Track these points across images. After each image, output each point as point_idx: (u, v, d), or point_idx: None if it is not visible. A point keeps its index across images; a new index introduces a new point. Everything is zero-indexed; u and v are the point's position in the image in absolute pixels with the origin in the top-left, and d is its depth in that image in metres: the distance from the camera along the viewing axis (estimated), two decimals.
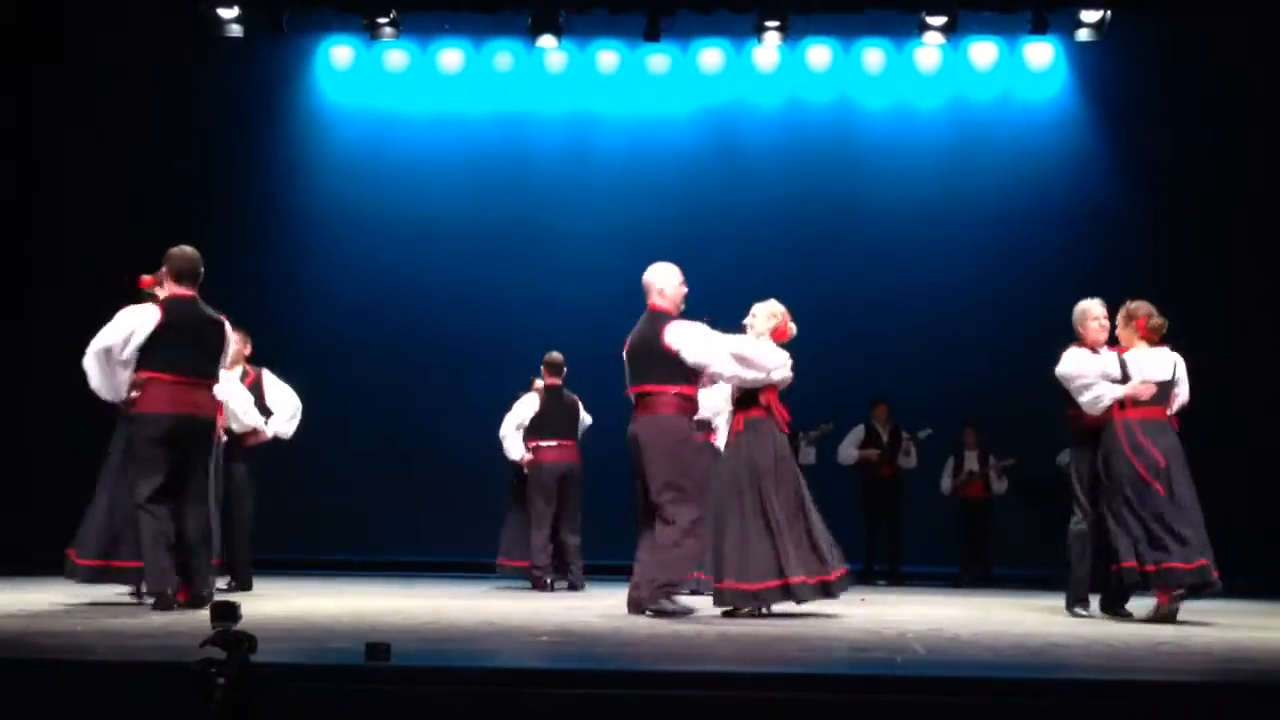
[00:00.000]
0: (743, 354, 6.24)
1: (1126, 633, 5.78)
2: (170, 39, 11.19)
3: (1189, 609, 6.60)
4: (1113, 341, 6.74)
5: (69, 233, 11.23)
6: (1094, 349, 6.67)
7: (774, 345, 6.40)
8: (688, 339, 6.19)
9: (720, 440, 7.05)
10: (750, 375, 6.27)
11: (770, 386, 6.32)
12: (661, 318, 6.27)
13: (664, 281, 6.35)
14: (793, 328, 6.50)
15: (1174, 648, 5.12)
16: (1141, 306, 6.65)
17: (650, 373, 6.20)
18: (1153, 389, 6.49)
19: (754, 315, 6.50)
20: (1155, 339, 6.62)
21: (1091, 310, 6.73)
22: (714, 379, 6.45)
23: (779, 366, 6.32)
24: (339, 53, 11.91)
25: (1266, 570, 10.24)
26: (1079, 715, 3.67)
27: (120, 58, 11.24)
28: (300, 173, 11.90)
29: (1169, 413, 6.58)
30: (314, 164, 11.93)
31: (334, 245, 11.67)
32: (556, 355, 8.81)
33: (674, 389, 6.18)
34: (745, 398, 6.35)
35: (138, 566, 6.04)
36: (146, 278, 6.47)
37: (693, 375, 6.24)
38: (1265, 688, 4.01)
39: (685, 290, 6.40)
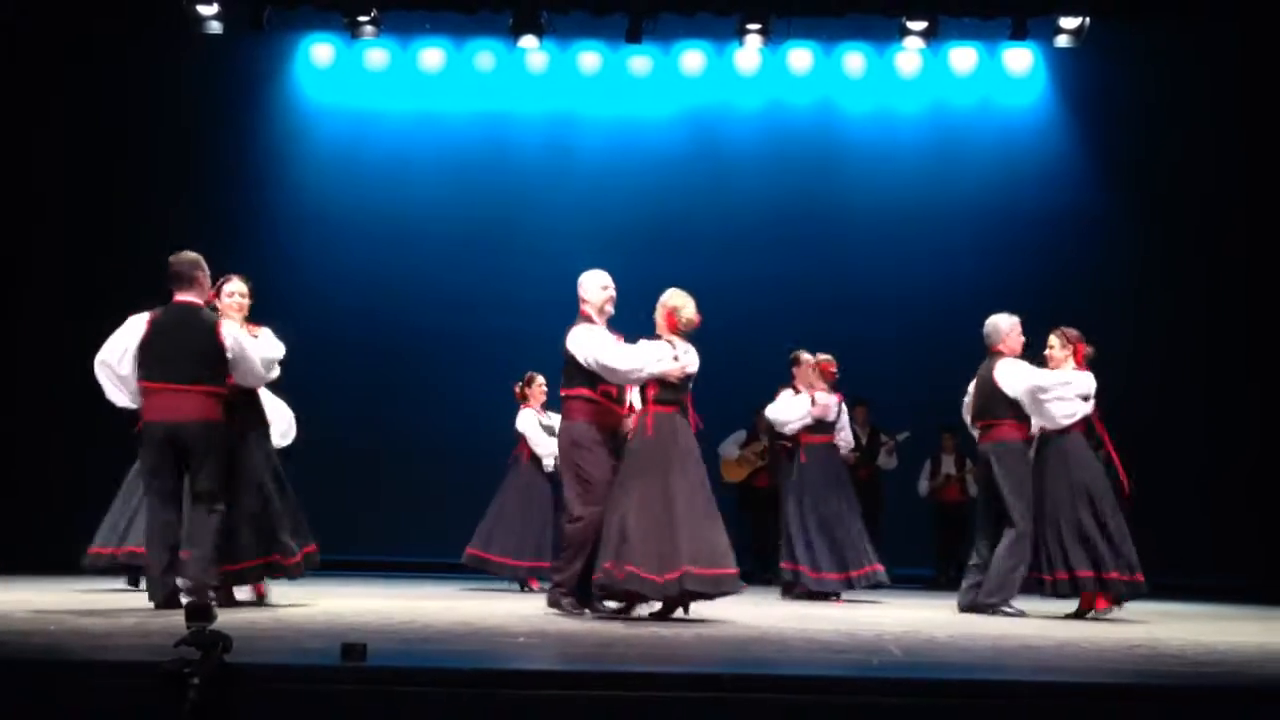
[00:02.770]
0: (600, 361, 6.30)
1: (1100, 634, 5.81)
2: (150, 35, 11.13)
3: (1162, 610, 6.65)
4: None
5: (46, 231, 11.17)
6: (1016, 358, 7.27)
7: (641, 345, 6.36)
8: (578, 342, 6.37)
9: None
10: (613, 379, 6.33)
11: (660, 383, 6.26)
12: (580, 321, 6.47)
13: (585, 288, 6.54)
14: (684, 316, 6.38)
15: (1148, 650, 5.16)
16: (1077, 334, 7.18)
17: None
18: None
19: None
20: (1086, 368, 7.14)
21: (1015, 322, 7.38)
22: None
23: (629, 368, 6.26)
24: (320, 51, 11.86)
25: (1237, 573, 10.35)
26: (1054, 717, 3.69)
27: (99, 54, 11.18)
28: (280, 171, 11.85)
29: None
30: (294, 162, 11.88)
31: (314, 244, 11.63)
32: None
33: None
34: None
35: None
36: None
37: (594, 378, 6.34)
38: (1239, 689, 4.04)
39: (609, 294, 6.51)
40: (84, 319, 6.33)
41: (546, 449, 8.59)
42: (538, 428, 8.77)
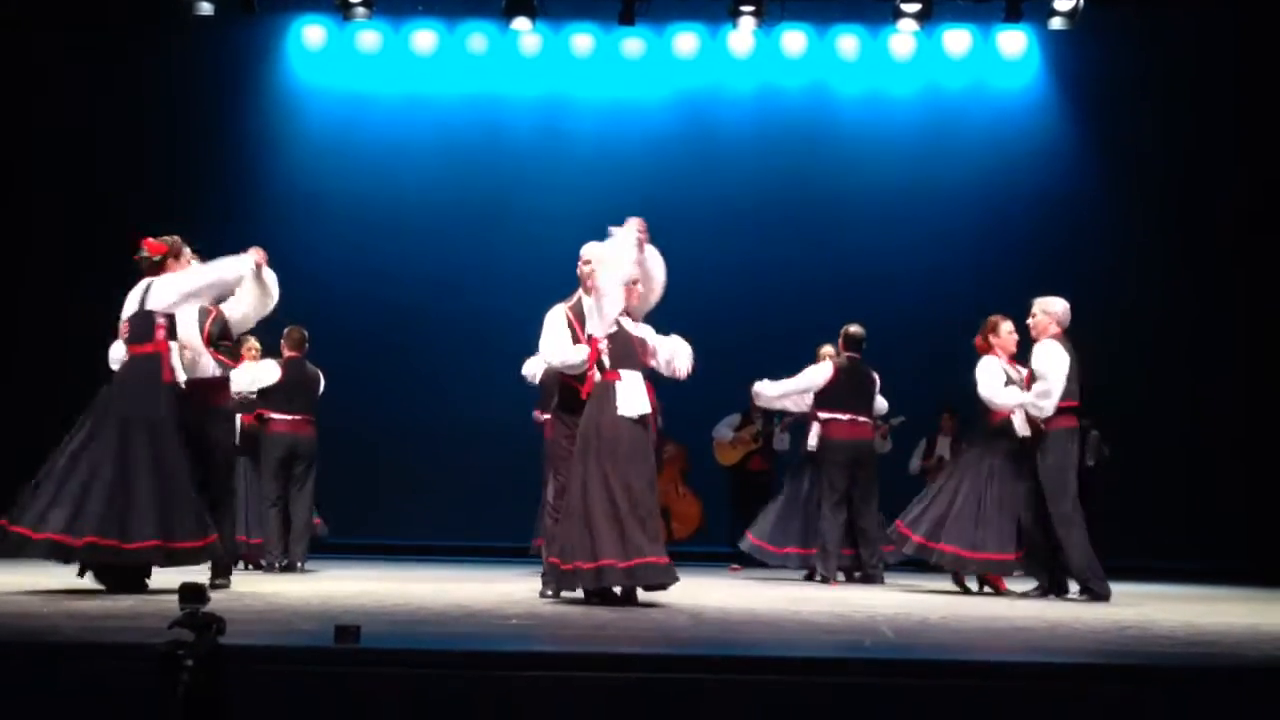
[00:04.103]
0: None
1: (1091, 616, 5.84)
2: (140, 17, 11.08)
3: (1152, 593, 6.67)
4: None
5: (38, 214, 11.13)
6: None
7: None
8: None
9: None
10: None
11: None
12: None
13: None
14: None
15: (1139, 631, 5.18)
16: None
17: None
18: None
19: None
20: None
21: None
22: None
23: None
24: (311, 33, 11.81)
25: (1226, 556, 10.40)
26: (1046, 698, 3.71)
27: (89, 35, 11.12)
28: (272, 153, 11.80)
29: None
30: (286, 145, 11.84)
31: (306, 226, 11.59)
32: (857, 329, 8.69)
33: None
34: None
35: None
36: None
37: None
38: (1230, 670, 4.06)
39: (582, 269, 6.35)
40: (76, 303, 6.34)
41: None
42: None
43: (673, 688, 3.63)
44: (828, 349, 8.90)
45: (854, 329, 8.72)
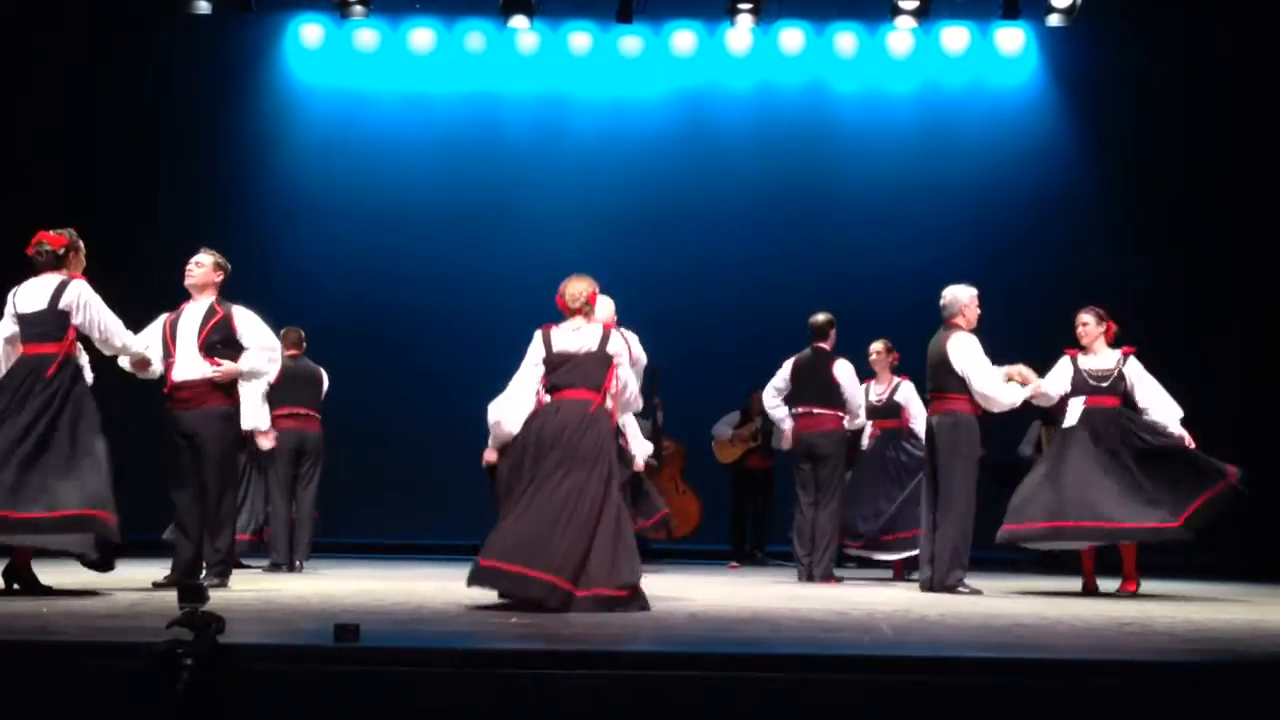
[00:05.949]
0: None
1: (1091, 612, 5.84)
2: (137, 16, 11.07)
3: (1152, 589, 6.66)
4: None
5: (30, 214, 11.09)
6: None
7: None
8: None
9: None
10: None
11: None
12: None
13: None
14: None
15: (1139, 628, 5.18)
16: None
17: None
18: None
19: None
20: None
21: (974, 294, 7.50)
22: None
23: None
24: (309, 31, 11.80)
25: (1226, 552, 10.40)
26: (1046, 694, 3.71)
27: (86, 34, 11.11)
28: (269, 152, 11.79)
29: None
30: (283, 143, 11.83)
31: (303, 225, 11.59)
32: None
33: None
34: None
35: None
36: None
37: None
38: (1229, 666, 4.06)
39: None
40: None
41: None
42: None
43: (672, 686, 3.63)
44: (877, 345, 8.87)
45: (812, 318, 8.48)
